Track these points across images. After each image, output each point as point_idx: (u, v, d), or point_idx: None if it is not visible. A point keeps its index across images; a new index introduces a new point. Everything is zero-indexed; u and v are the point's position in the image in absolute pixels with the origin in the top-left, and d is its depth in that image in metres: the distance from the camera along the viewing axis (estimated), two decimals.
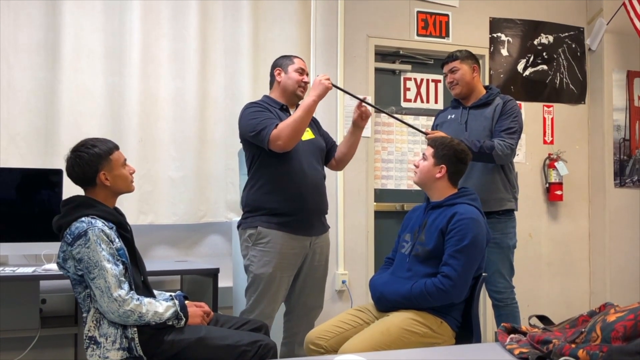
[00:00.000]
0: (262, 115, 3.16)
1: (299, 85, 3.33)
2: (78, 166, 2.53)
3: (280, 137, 3.05)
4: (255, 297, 3.17)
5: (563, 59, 5.30)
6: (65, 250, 2.43)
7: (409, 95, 4.97)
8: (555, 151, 5.19)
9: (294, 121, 3.06)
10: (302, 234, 3.22)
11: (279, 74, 3.36)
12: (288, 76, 3.34)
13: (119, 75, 3.95)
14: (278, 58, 3.42)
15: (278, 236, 3.15)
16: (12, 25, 3.74)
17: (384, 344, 2.59)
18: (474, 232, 2.74)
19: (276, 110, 3.27)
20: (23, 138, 3.74)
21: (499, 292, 3.65)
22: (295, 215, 3.19)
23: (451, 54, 3.75)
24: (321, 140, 3.45)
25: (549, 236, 5.22)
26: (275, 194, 3.18)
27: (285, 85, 3.34)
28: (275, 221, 3.17)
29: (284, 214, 3.17)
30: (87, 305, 2.46)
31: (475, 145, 3.45)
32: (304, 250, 3.25)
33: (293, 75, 3.33)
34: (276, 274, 3.15)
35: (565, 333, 1.80)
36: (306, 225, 3.24)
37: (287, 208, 3.17)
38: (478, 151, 3.44)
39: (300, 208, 3.20)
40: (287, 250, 3.17)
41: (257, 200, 3.21)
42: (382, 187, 4.84)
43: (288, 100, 3.36)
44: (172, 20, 4.09)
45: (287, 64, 3.37)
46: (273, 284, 3.14)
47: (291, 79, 3.33)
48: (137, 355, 2.42)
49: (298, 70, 3.34)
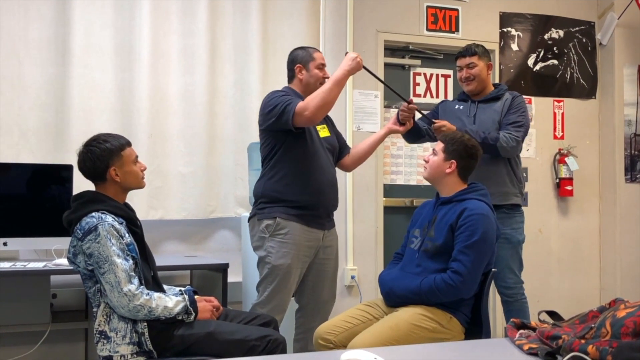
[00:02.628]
0: (287, 97, 3.12)
1: (320, 83, 3.27)
2: (89, 160, 2.55)
3: (307, 108, 3.00)
4: (272, 288, 3.15)
5: (574, 54, 5.28)
6: (76, 245, 2.45)
7: (418, 90, 4.95)
8: (565, 146, 5.16)
9: (323, 92, 3.03)
10: (316, 227, 3.23)
11: (300, 70, 3.32)
12: (310, 74, 3.30)
13: (129, 71, 3.95)
14: (296, 51, 3.38)
15: (296, 228, 3.16)
16: (23, 21, 3.76)
17: (393, 339, 2.59)
18: (483, 227, 2.74)
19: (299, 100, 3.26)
20: (34, 134, 3.76)
21: (509, 288, 3.64)
22: (313, 209, 3.20)
23: (469, 48, 3.69)
24: (335, 139, 3.45)
25: (559, 232, 5.20)
26: (296, 186, 3.17)
27: (307, 83, 3.31)
28: (294, 213, 3.16)
29: (303, 207, 3.17)
30: (98, 300, 2.47)
31: (479, 136, 3.43)
32: (317, 243, 3.26)
33: (315, 72, 3.30)
34: (293, 265, 3.16)
35: (575, 329, 1.79)
36: (321, 219, 3.26)
37: (307, 201, 3.18)
38: (482, 142, 3.41)
39: (318, 202, 3.22)
40: (303, 242, 3.18)
41: (277, 191, 3.19)
42: (392, 182, 4.83)
43: (309, 94, 3.29)
44: (182, 16, 4.10)
45: (307, 60, 3.32)
46: (290, 275, 3.14)
47: (313, 77, 3.30)
48: (147, 350, 2.44)
49: (319, 67, 3.32)
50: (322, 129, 3.34)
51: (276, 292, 3.16)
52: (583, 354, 1.57)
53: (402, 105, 3.52)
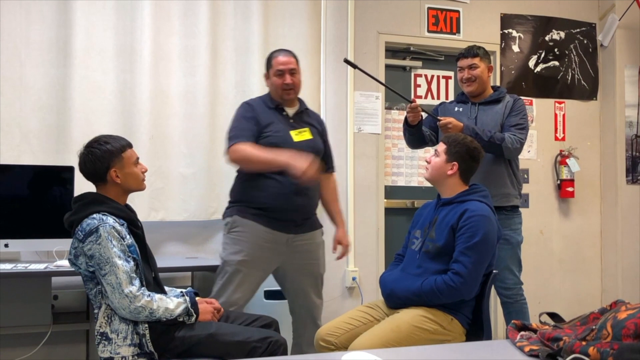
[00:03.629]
0: (242, 124, 3.19)
1: (282, 90, 3.27)
2: (90, 162, 2.55)
3: (233, 156, 3.17)
4: (222, 284, 3.18)
5: (575, 55, 5.28)
6: (77, 247, 2.45)
7: (419, 91, 4.96)
8: (566, 148, 5.16)
9: (254, 156, 3.10)
10: (278, 230, 3.19)
11: (266, 78, 3.35)
12: (271, 82, 3.33)
13: (130, 73, 3.95)
14: (268, 55, 3.41)
15: (251, 226, 3.17)
16: (25, 23, 3.76)
17: (394, 341, 2.60)
18: (485, 229, 2.74)
19: (266, 110, 3.27)
20: (35, 135, 3.75)
21: (508, 289, 3.64)
22: (273, 212, 3.17)
23: (471, 49, 3.71)
24: (320, 143, 3.40)
25: (561, 233, 5.20)
26: (257, 189, 3.18)
27: (271, 90, 3.34)
28: (251, 212, 3.18)
29: (262, 208, 3.17)
30: (99, 302, 2.47)
31: (486, 134, 3.46)
32: (281, 247, 3.21)
33: (273, 80, 3.30)
34: (244, 263, 3.14)
35: (576, 330, 1.79)
36: (284, 222, 3.20)
37: (267, 204, 3.16)
38: (488, 140, 3.44)
39: (280, 206, 3.17)
40: (259, 242, 3.16)
41: (240, 193, 3.26)
42: (393, 183, 4.83)
43: (280, 101, 3.32)
44: (183, 18, 4.10)
45: (269, 66, 3.33)
46: (239, 273, 3.12)
47: (273, 85, 3.31)
48: (148, 351, 2.43)
49: (276, 74, 3.28)
50: (300, 132, 3.29)
51: (225, 288, 3.17)
52: (584, 355, 1.57)
53: (407, 107, 3.54)
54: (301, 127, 3.31)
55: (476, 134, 3.44)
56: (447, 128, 3.44)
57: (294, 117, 3.34)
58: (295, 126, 3.30)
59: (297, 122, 3.33)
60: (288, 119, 3.32)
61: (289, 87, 3.28)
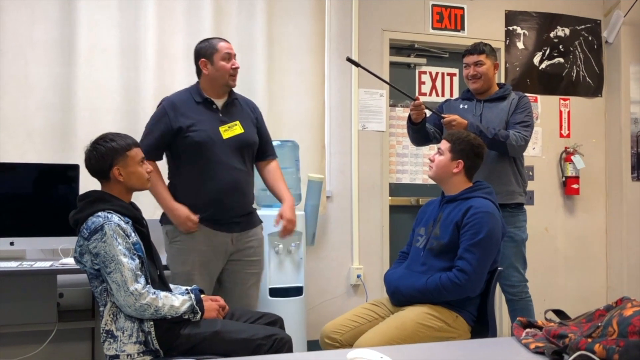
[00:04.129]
0: (149, 139, 3.08)
1: (230, 75, 3.14)
2: (94, 158, 2.55)
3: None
4: None
5: (580, 52, 5.26)
6: (82, 245, 2.45)
7: (424, 88, 4.95)
8: (571, 145, 5.15)
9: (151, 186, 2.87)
10: (221, 230, 3.11)
11: (204, 65, 3.14)
12: (215, 68, 3.12)
13: (134, 71, 3.95)
14: (200, 44, 3.21)
15: (194, 235, 3.06)
16: (29, 22, 3.76)
17: (399, 338, 2.60)
18: (489, 225, 2.74)
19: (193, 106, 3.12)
20: (39, 134, 3.76)
21: (513, 286, 3.64)
22: (211, 213, 3.08)
23: (477, 46, 3.71)
24: (253, 135, 3.24)
25: (566, 230, 5.19)
26: (189, 192, 3.08)
27: (214, 78, 3.14)
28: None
29: (199, 211, 3.06)
30: (104, 299, 2.47)
31: (490, 132, 3.46)
32: (226, 247, 3.13)
33: (220, 65, 3.11)
34: (194, 271, 3.05)
35: (582, 327, 1.78)
36: (224, 222, 3.11)
37: (201, 206, 3.06)
38: (492, 138, 3.44)
39: (215, 207, 3.08)
40: (204, 247, 3.07)
41: (174, 195, 3.10)
42: (397, 181, 4.83)
43: (217, 90, 3.17)
44: (187, 16, 4.09)
45: (211, 52, 3.13)
46: (192, 283, 2.95)
47: (219, 70, 3.12)
48: (153, 349, 2.44)
49: (225, 58, 3.13)
50: (230, 128, 3.14)
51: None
52: (590, 352, 1.56)
53: (410, 105, 3.53)
54: (231, 121, 3.15)
55: (480, 131, 3.43)
56: (451, 125, 3.44)
57: (224, 110, 3.18)
58: (225, 120, 3.14)
59: (226, 116, 3.16)
60: (217, 112, 3.16)
61: (236, 72, 3.17)
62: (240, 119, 3.20)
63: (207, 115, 3.13)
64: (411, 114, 3.57)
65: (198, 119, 3.09)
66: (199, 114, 3.11)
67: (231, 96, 3.24)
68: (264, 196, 3.85)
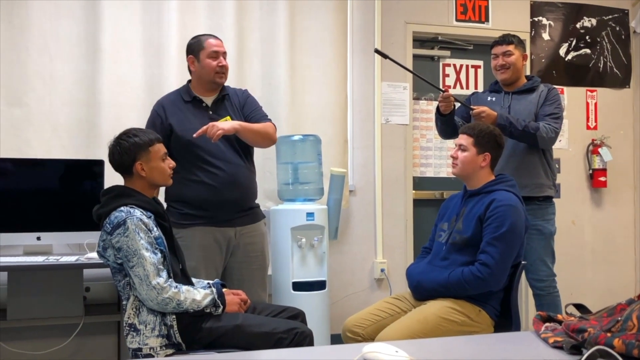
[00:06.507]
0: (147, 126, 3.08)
1: (215, 72, 3.16)
2: (117, 153, 2.58)
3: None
4: None
5: (607, 42, 5.18)
6: (105, 239, 2.48)
7: (448, 81, 4.91)
8: (599, 137, 5.08)
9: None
10: (222, 225, 3.13)
11: (192, 62, 3.18)
12: (201, 65, 3.16)
13: (158, 67, 3.97)
14: (190, 40, 3.26)
15: (196, 230, 3.10)
16: (54, 18, 3.80)
17: (421, 332, 2.59)
18: (512, 219, 2.71)
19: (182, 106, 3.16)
20: (65, 129, 3.80)
21: (541, 280, 3.60)
22: (211, 209, 3.11)
23: (506, 37, 3.69)
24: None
25: (593, 223, 5.12)
26: (188, 190, 3.11)
27: (200, 75, 3.18)
28: (191, 215, 3.11)
29: (200, 208, 3.10)
30: (127, 293, 2.50)
31: (520, 123, 3.43)
32: (228, 241, 3.16)
33: (206, 62, 3.15)
34: (200, 266, 3.08)
35: (602, 322, 1.76)
36: (225, 217, 3.14)
37: (201, 203, 3.10)
38: (523, 130, 3.42)
39: (216, 202, 3.10)
40: (206, 242, 3.11)
41: (175, 194, 3.15)
42: (421, 175, 4.80)
43: (206, 88, 3.20)
44: (209, 11, 4.10)
45: (197, 49, 3.17)
46: (198, 277, 2.96)
47: (205, 68, 3.16)
48: (175, 342, 2.46)
49: (211, 55, 3.15)
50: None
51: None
52: (609, 347, 1.54)
53: (440, 96, 3.51)
54: (221, 117, 3.17)
55: (510, 122, 3.41)
56: (481, 117, 3.41)
57: (213, 107, 3.22)
58: (214, 118, 3.15)
59: (216, 113, 3.20)
60: (207, 110, 3.20)
61: (222, 70, 3.19)
62: (231, 113, 3.22)
63: (196, 114, 3.16)
64: (440, 106, 3.55)
65: (187, 118, 3.14)
66: (188, 114, 3.16)
67: (221, 92, 3.27)
68: (287, 190, 3.86)
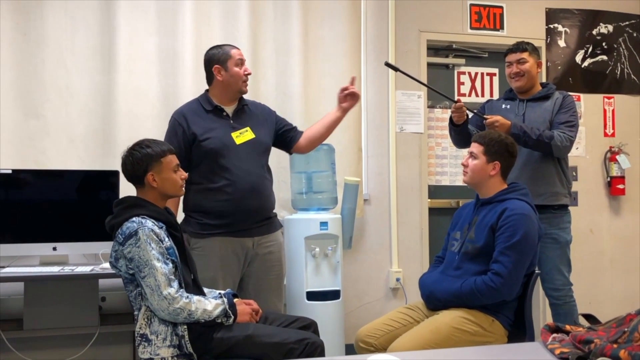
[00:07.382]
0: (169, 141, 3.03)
1: (243, 81, 3.21)
2: (130, 164, 2.60)
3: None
4: None
5: (624, 49, 5.13)
6: (117, 250, 2.49)
7: (463, 89, 4.89)
8: (616, 144, 5.02)
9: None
10: (240, 236, 3.13)
11: (218, 71, 3.20)
12: (230, 74, 3.19)
13: (173, 77, 3.99)
14: (211, 51, 3.28)
15: (214, 241, 3.09)
16: (70, 30, 3.84)
17: (434, 343, 2.57)
18: (525, 228, 2.69)
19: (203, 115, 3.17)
20: (81, 140, 3.84)
21: (557, 290, 3.57)
22: (230, 218, 3.10)
23: (520, 44, 3.68)
24: (265, 138, 3.29)
25: (611, 232, 5.06)
26: (208, 200, 3.10)
27: (228, 84, 3.20)
28: (210, 224, 3.10)
29: (220, 217, 3.09)
30: (139, 304, 2.51)
31: (534, 132, 3.41)
32: (246, 251, 3.16)
33: (235, 71, 3.19)
34: (217, 276, 3.07)
35: (609, 332, 1.74)
36: (244, 226, 3.13)
37: (221, 212, 3.09)
38: (537, 139, 3.40)
39: (236, 211, 3.09)
40: (224, 252, 3.10)
41: (194, 205, 3.14)
42: (437, 183, 4.78)
43: (229, 97, 3.23)
44: (223, 20, 4.12)
45: (224, 58, 3.19)
46: (215, 287, 2.95)
47: (234, 77, 3.19)
48: (187, 352, 2.46)
49: (237, 64, 3.20)
50: (242, 134, 3.18)
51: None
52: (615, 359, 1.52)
53: (452, 107, 3.51)
54: (242, 127, 3.21)
55: (524, 132, 3.39)
56: (494, 126, 3.39)
57: (234, 116, 3.24)
58: (236, 127, 3.19)
59: (237, 123, 3.22)
60: (228, 119, 3.22)
61: (248, 78, 3.23)
62: (250, 124, 3.25)
63: (218, 123, 3.18)
64: (452, 116, 3.54)
65: (210, 127, 3.15)
66: (210, 122, 3.17)
67: (241, 102, 3.30)
68: (300, 199, 3.86)
